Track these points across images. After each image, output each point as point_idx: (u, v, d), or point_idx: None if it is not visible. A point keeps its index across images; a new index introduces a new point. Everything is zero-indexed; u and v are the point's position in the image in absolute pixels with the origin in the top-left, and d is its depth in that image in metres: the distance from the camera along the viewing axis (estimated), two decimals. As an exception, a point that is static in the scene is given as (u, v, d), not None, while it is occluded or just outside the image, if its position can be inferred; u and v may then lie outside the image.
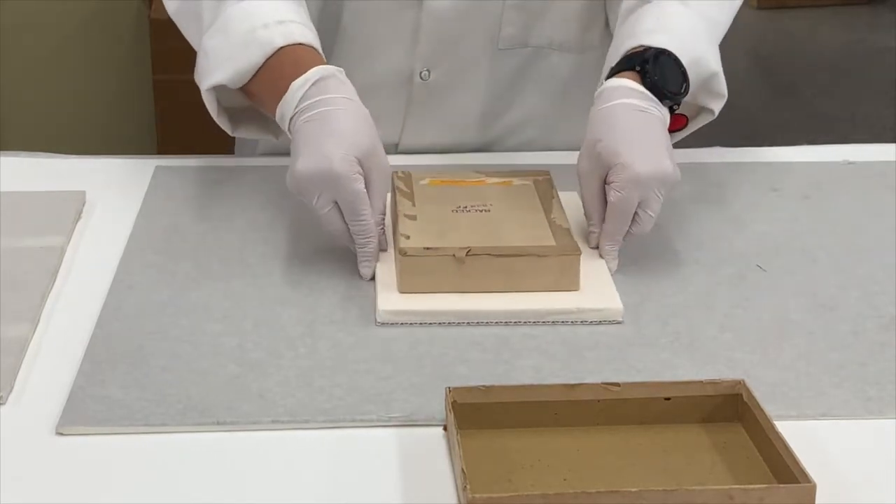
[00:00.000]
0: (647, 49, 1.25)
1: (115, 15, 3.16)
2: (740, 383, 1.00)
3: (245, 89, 1.29)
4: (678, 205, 1.36)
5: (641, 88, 1.23)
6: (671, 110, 1.26)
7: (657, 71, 1.24)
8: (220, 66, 1.27)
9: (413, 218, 1.20)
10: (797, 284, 1.21)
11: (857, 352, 1.11)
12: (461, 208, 1.23)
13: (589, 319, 1.14)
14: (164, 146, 3.10)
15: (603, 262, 1.21)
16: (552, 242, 1.17)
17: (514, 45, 1.44)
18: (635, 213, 1.19)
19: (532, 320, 1.13)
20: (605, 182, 1.20)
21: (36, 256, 1.22)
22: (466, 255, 1.14)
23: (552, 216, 1.21)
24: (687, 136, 1.37)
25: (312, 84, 1.20)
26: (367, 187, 1.17)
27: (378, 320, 1.13)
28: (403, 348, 1.10)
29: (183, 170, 1.42)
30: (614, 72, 1.26)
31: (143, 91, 3.16)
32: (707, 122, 1.36)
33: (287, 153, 1.50)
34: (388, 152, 1.22)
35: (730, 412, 1.00)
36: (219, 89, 1.29)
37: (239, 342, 1.10)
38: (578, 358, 1.09)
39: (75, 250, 1.26)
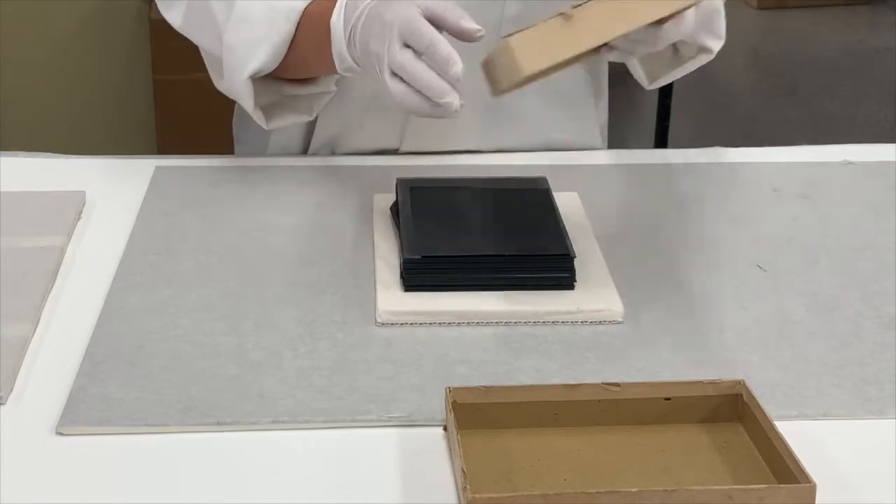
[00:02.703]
0: None
1: (115, 15, 3.16)
2: (740, 383, 1.00)
3: (283, 66, 1.30)
4: (678, 205, 1.36)
5: None
6: None
7: None
8: (253, 52, 1.28)
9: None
10: (797, 284, 1.21)
11: (857, 352, 1.11)
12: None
13: (589, 319, 1.14)
14: (164, 146, 3.10)
15: (603, 261, 1.21)
16: None
17: None
18: None
19: (532, 320, 1.13)
20: None
21: (36, 256, 1.22)
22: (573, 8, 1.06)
23: None
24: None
25: (346, 5, 1.21)
26: (439, 27, 1.13)
27: (378, 320, 1.13)
28: (403, 348, 1.10)
29: (183, 170, 1.42)
30: None
31: (143, 91, 3.16)
32: (705, 62, 1.37)
33: (290, 153, 1.50)
34: (388, 154, 1.22)
35: (730, 412, 1.00)
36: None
37: (239, 342, 1.10)
38: (578, 358, 1.09)
39: (75, 250, 1.25)
